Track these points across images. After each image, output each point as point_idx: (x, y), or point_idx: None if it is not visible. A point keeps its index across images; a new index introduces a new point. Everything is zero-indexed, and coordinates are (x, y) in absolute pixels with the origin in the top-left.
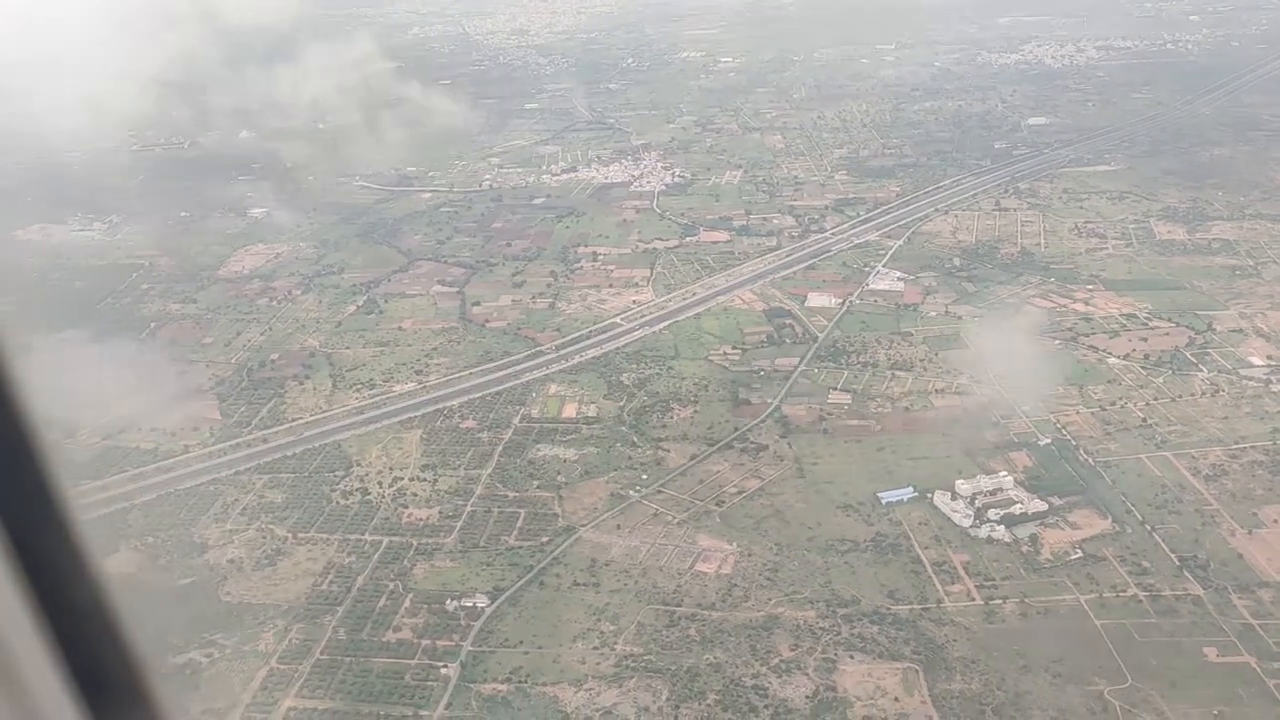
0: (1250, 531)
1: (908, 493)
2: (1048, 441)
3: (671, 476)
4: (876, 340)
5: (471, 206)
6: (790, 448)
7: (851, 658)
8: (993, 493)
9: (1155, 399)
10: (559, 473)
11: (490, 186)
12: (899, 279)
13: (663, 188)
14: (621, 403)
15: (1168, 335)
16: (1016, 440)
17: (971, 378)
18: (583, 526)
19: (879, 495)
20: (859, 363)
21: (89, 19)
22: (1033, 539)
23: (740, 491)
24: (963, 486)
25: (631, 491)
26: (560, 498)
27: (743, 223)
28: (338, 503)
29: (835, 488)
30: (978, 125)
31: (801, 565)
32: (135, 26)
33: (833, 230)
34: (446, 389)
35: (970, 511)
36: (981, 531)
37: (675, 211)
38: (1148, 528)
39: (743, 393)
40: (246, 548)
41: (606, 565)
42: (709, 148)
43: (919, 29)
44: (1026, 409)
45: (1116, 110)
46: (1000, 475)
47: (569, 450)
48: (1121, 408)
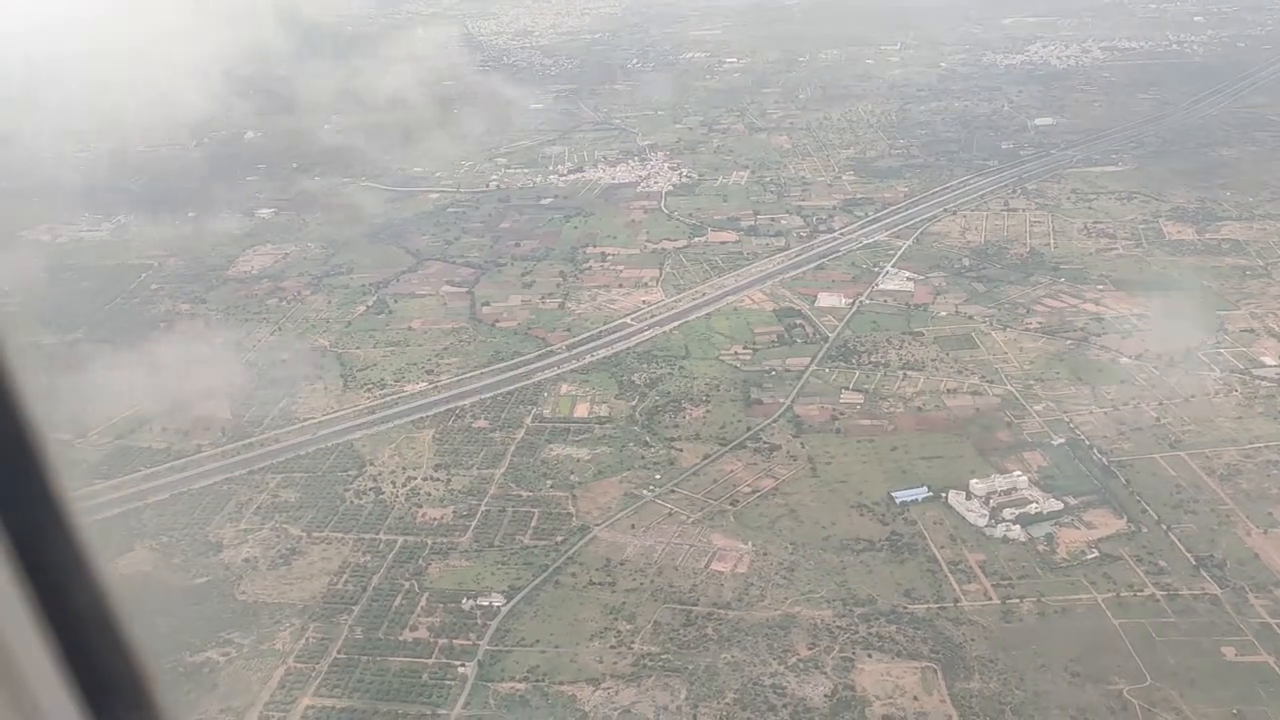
0: (1266, 531)
1: (922, 492)
2: (1061, 441)
3: (685, 476)
4: (887, 340)
5: (479, 207)
6: (803, 447)
7: (869, 657)
8: (1007, 492)
9: (1168, 399)
10: (572, 472)
11: (497, 187)
12: (909, 279)
13: (670, 188)
14: (633, 402)
15: (1179, 335)
16: (1030, 440)
17: (984, 378)
18: (597, 526)
19: (893, 495)
20: (870, 363)
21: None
22: (1048, 538)
23: (754, 491)
24: (977, 486)
25: (645, 491)
26: (574, 497)
27: (751, 223)
28: (351, 502)
29: (849, 487)
30: (984, 126)
31: (817, 564)
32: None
33: (841, 230)
34: (458, 389)
35: (985, 511)
36: (997, 531)
37: (683, 212)
38: (1163, 527)
39: (754, 392)
40: (261, 547)
41: (622, 564)
42: (715, 148)
43: (923, 30)
44: (1039, 409)
45: (1123, 111)
46: (1015, 475)
47: (582, 450)
48: (1135, 408)
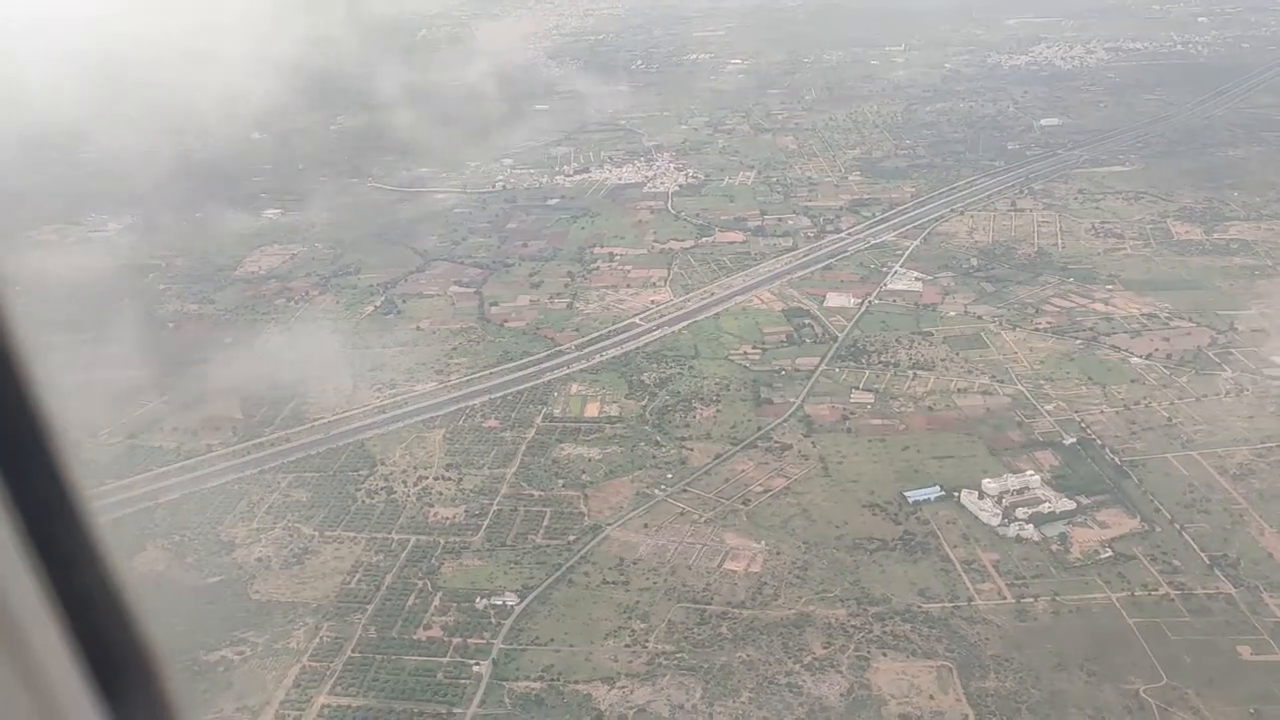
0: None
1: (934, 492)
2: (1073, 441)
3: (696, 475)
4: (897, 340)
5: (486, 207)
6: (814, 447)
7: (885, 656)
8: (1020, 491)
9: (1179, 398)
10: (583, 472)
11: (503, 187)
12: (917, 279)
13: (676, 188)
14: (643, 402)
15: (1189, 335)
16: (1041, 439)
17: (994, 377)
18: (609, 525)
19: (905, 494)
20: (880, 362)
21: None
22: (1062, 538)
23: (766, 490)
24: (990, 485)
25: (657, 490)
26: (586, 496)
27: (758, 223)
28: (363, 501)
29: (861, 486)
30: (990, 126)
31: (830, 564)
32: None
33: (848, 231)
34: (467, 388)
35: (998, 510)
36: (1010, 530)
37: (690, 212)
38: (1177, 527)
39: (764, 392)
40: (274, 546)
41: (635, 564)
42: (721, 149)
43: (927, 31)
44: (1050, 408)
45: (1129, 111)
46: (1027, 474)
47: (593, 449)
48: (1146, 407)
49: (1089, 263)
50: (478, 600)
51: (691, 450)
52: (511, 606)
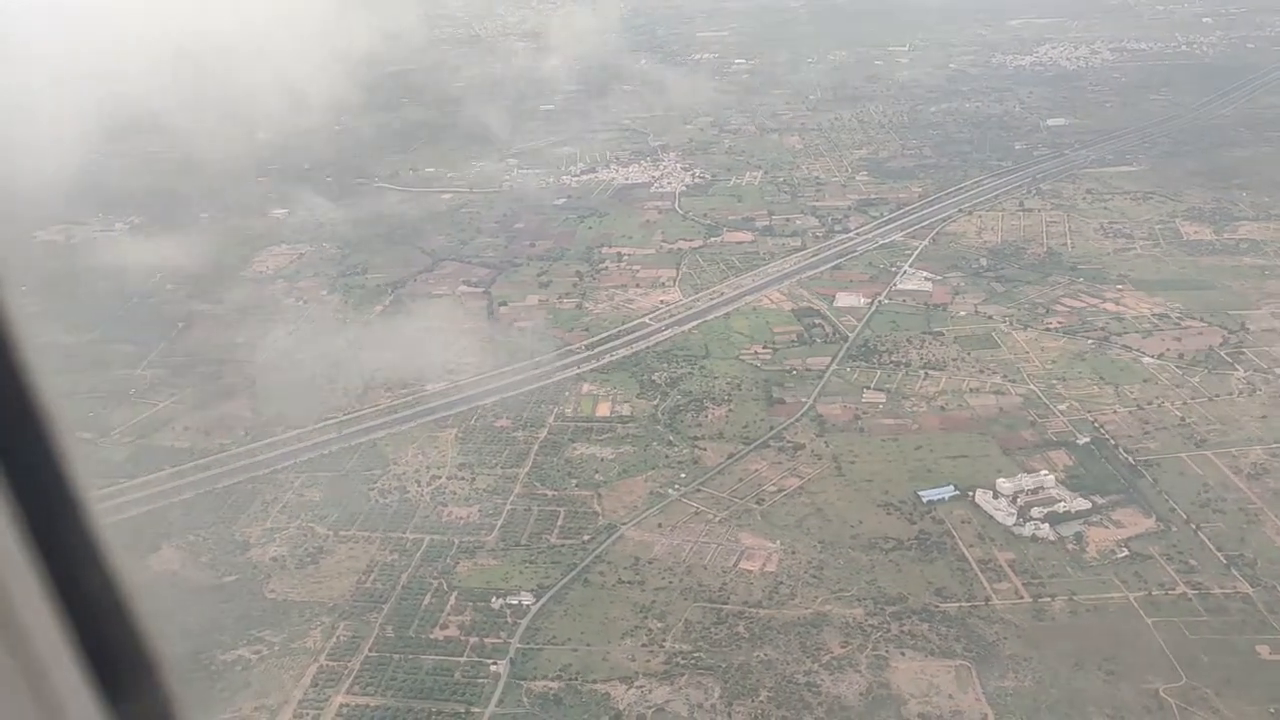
0: None
1: (949, 491)
2: (1086, 440)
3: (710, 475)
4: (907, 340)
5: (492, 207)
6: (827, 446)
7: (903, 655)
8: (1034, 491)
9: (1192, 398)
10: (596, 471)
11: (510, 187)
12: (926, 279)
13: (683, 188)
14: (655, 402)
15: (1201, 335)
16: (1055, 439)
17: (1006, 377)
18: (624, 525)
19: (919, 493)
20: (891, 362)
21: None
22: (1078, 537)
23: (780, 490)
24: (1004, 485)
25: (670, 490)
26: (599, 496)
27: (766, 223)
28: (377, 501)
29: (875, 486)
30: (996, 126)
31: (846, 563)
32: None
33: (857, 230)
34: (478, 388)
35: (1013, 510)
36: (1026, 530)
37: (697, 212)
38: (1192, 526)
39: (776, 392)
40: (288, 545)
41: (650, 563)
42: (727, 149)
43: (931, 31)
44: (1063, 408)
45: (1135, 111)
46: (1041, 474)
47: (605, 449)
48: (1159, 407)
49: (1099, 262)
50: (493, 600)
51: (704, 450)
52: (527, 606)
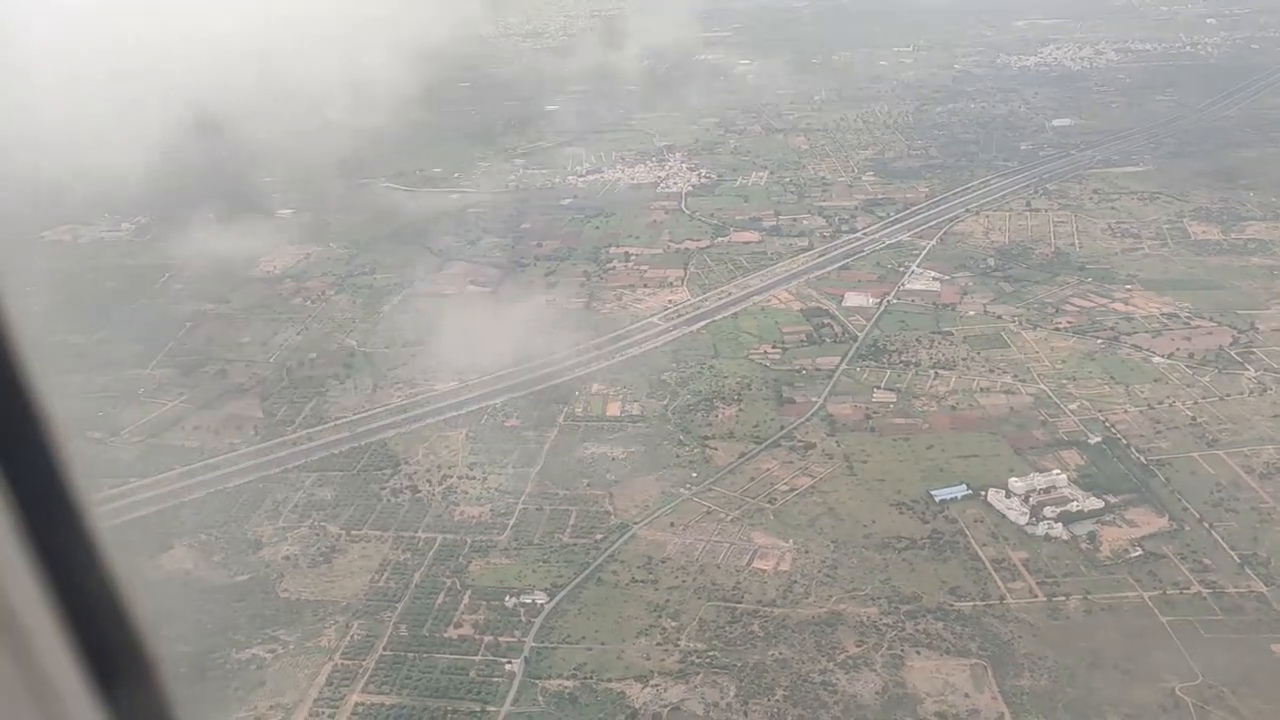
0: None
1: (961, 490)
2: (1098, 440)
3: (721, 474)
4: (917, 340)
5: (499, 207)
6: (839, 446)
7: (918, 654)
8: (1047, 490)
9: (1203, 398)
10: (608, 470)
11: (516, 187)
12: (935, 279)
13: (690, 188)
14: (665, 401)
15: (1210, 335)
16: (1066, 438)
17: (1016, 377)
18: (636, 524)
19: (932, 493)
20: (901, 362)
21: None
22: (1091, 536)
23: (792, 489)
24: (1016, 484)
25: (682, 489)
26: (611, 495)
27: (773, 223)
28: (388, 500)
29: (887, 485)
30: (1002, 127)
31: (860, 562)
32: None
33: (864, 231)
34: (488, 388)
35: (1026, 509)
36: (1039, 529)
37: (704, 212)
38: (1205, 526)
39: (786, 391)
40: (301, 545)
41: (663, 562)
42: (733, 149)
43: (935, 32)
44: (1074, 407)
45: (1140, 112)
46: (1053, 473)
47: (616, 448)
48: (1170, 406)
49: (1107, 262)
50: (507, 598)
51: (715, 449)
52: (541, 605)
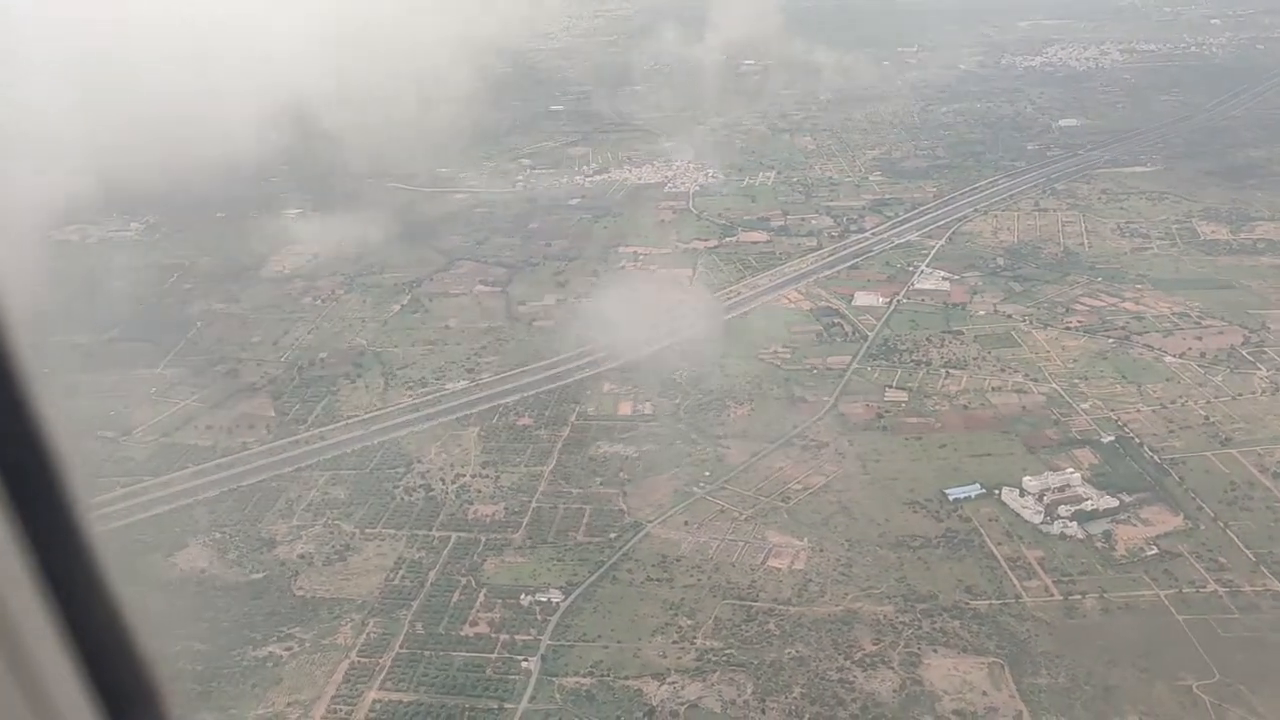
0: None
1: (975, 489)
2: (1111, 439)
3: (734, 473)
4: (927, 339)
5: (507, 207)
6: (851, 445)
7: (935, 652)
8: (1061, 489)
9: (1215, 397)
10: (621, 469)
11: (523, 188)
12: (944, 278)
13: (697, 188)
14: (676, 400)
15: (1222, 334)
16: (1079, 437)
17: (1027, 376)
18: (650, 522)
19: (946, 492)
20: (911, 361)
21: None
22: (1106, 535)
23: (805, 488)
24: (1030, 483)
25: (695, 488)
26: (624, 494)
27: (781, 223)
28: (401, 499)
29: (900, 484)
30: (1008, 127)
31: (875, 561)
32: None
33: (872, 230)
34: (499, 387)
35: (1040, 508)
36: (1054, 528)
37: (712, 212)
38: (1220, 524)
39: (797, 390)
40: (315, 543)
41: (677, 561)
42: (739, 149)
43: (938, 32)
44: (1086, 407)
45: (1147, 112)
46: (1067, 472)
47: (629, 447)
48: (1182, 405)
49: (1116, 262)
50: (522, 596)
51: (728, 448)
52: (556, 603)
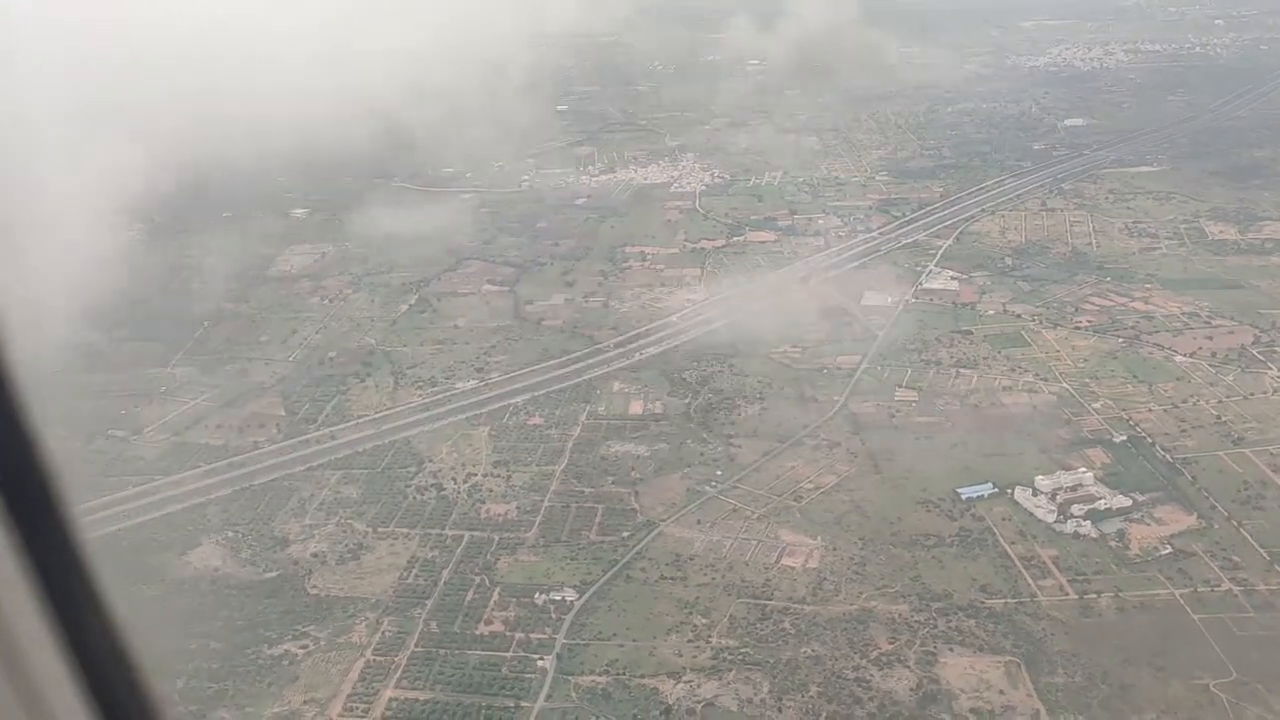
0: None
1: (987, 488)
2: (1123, 438)
3: (746, 472)
4: (937, 338)
5: (513, 207)
6: (863, 444)
7: (951, 651)
8: (1074, 488)
9: (1227, 396)
10: (632, 469)
11: (529, 187)
12: (952, 278)
13: (703, 188)
14: (687, 400)
15: (1232, 334)
16: (1090, 437)
17: (1038, 376)
18: (663, 521)
19: (958, 491)
20: (921, 360)
21: None
22: (1120, 534)
23: (817, 487)
24: (1043, 482)
25: (707, 487)
26: (636, 493)
27: (788, 223)
28: (414, 498)
29: (913, 483)
30: (1014, 127)
31: (888, 559)
32: None
33: (879, 230)
34: (509, 386)
35: (1053, 507)
36: (1067, 527)
37: (718, 212)
38: (1234, 524)
39: (807, 390)
40: (328, 542)
41: (691, 559)
42: (745, 149)
43: (942, 32)
44: (1097, 406)
45: (1152, 112)
46: (1080, 471)
47: (640, 446)
48: (1194, 405)
49: (1125, 262)
50: (536, 595)
51: (739, 447)
52: (571, 602)
